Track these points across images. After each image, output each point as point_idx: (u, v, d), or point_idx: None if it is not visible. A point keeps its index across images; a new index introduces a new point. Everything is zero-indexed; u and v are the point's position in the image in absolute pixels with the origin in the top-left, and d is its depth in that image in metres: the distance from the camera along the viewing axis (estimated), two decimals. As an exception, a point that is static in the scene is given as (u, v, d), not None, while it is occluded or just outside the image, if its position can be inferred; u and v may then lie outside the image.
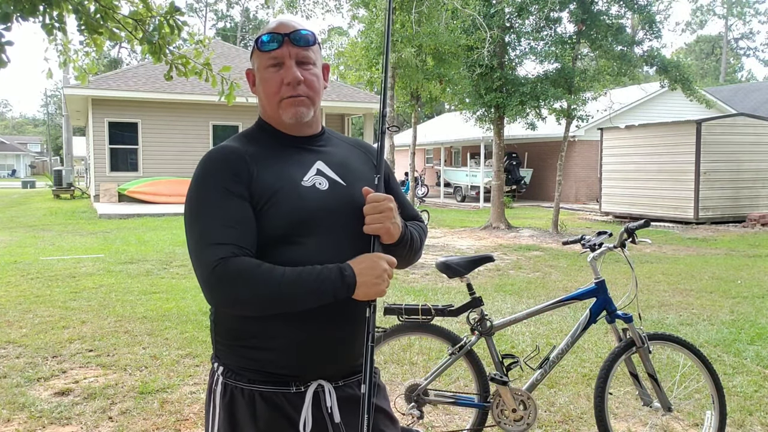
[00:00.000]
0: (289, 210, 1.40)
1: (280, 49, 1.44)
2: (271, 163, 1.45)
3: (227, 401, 1.47)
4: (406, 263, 1.60)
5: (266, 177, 1.42)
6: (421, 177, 27.42)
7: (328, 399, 1.45)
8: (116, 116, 18.30)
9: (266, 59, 1.46)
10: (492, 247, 10.90)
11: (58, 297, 6.50)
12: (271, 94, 1.46)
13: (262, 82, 1.48)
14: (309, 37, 1.46)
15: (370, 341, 1.37)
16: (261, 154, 1.46)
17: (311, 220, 1.41)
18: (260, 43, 1.46)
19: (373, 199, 1.41)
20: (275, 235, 1.39)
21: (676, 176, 14.82)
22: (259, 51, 1.47)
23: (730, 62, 56.74)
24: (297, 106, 1.46)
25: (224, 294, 1.33)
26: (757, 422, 3.48)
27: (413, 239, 1.55)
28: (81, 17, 4.07)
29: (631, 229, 3.09)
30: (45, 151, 67.28)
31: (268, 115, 1.53)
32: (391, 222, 1.42)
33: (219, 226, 1.36)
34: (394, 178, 1.67)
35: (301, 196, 1.42)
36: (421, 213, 2.31)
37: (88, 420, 3.48)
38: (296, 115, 1.46)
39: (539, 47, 13.28)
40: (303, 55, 1.46)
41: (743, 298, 6.75)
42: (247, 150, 1.46)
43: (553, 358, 3.07)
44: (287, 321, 1.40)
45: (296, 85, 1.44)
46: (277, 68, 1.45)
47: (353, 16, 14.64)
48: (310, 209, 1.42)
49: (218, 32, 60.48)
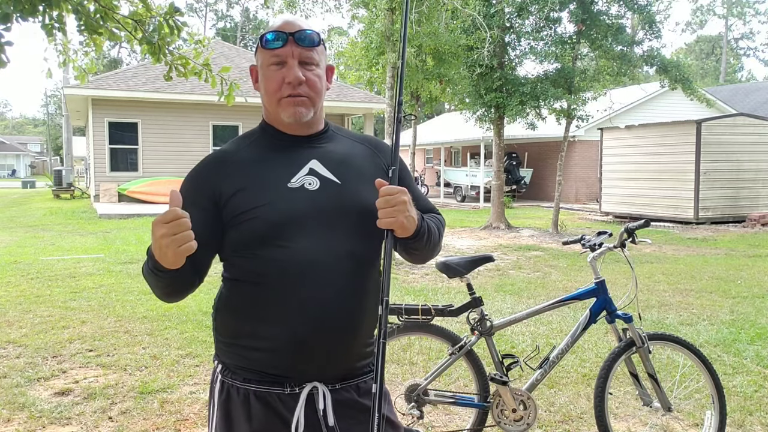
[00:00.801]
0: (271, 213, 1.40)
1: (284, 48, 1.44)
2: (259, 167, 1.46)
3: (223, 399, 1.48)
4: (425, 257, 1.57)
5: (249, 182, 1.44)
6: (421, 177, 27.47)
7: (322, 401, 1.44)
8: (116, 116, 18.29)
9: (269, 57, 1.45)
10: (492, 247, 10.90)
11: (58, 297, 6.50)
12: (272, 92, 1.46)
13: (264, 79, 1.48)
14: (314, 37, 1.46)
15: (382, 338, 1.35)
16: (252, 157, 1.48)
17: (295, 221, 1.40)
18: (264, 41, 1.45)
19: (386, 192, 1.37)
20: (259, 237, 1.40)
21: (676, 176, 14.82)
22: (262, 48, 1.47)
23: (730, 62, 56.74)
24: (296, 106, 1.45)
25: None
26: (757, 422, 3.48)
27: (431, 232, 1.51)
28: (81, 17, 4.07)
29: (631, 229, 3.09)
30: (45, 151, 67.26)
31: (269, 113, 1.53)
32: (405, 215, 1.38)
33: None
34: (407, 171, 1.64)
35: (284, 199, 1.42)
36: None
37: (88, 420, 3.47)
38: (295, 115, 1.46)
39: (539, 47, 13.28)
40: (306, 56, 1.45)
41: (743, 298, 6.75)
42: (239, 153, 1.49)
43: (553, 358, 3.07)
44: (282, 321, 1.40)
45: (297, 85, 1.43)
46: (279, 66, 1.45)
47: (353, 16, 14.61)
48: (295, 211, 1.41)
49: (218, 32, 60.49)
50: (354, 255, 1.44)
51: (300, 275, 1.39)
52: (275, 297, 1.40)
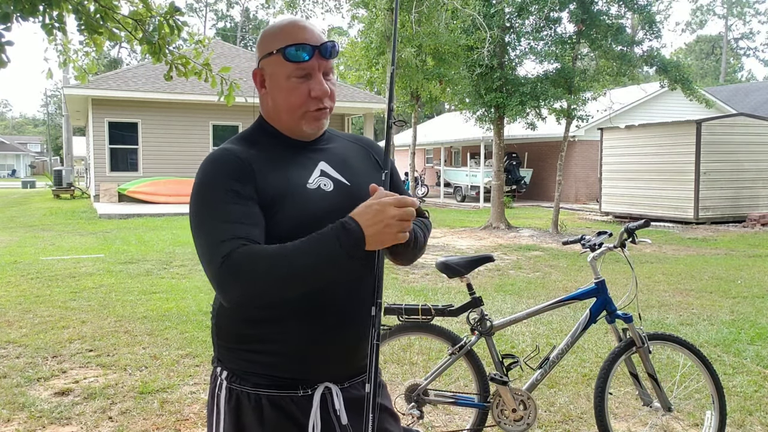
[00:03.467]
0: (296, 214, 1.38)
1: (310, 62, 1.41)
2: (274, 167, 1.42)
3: (233, 406, 1.44)
4: (409, 260, 1.57)
5: (271, 181, 1.39)
6: (421, 177, 27.43)
7: (336, 401, 1.44)
8: (116, 116, 18.30)
9: (293, 69, 1.41)
10: (492, 247, 10.90)
11: (58, 297, 6.50)
12: (296, 106, 1.43)
13: (283, 91, 1.44)
14: (336, 49, 1.45)
15: (376, 339, 1.34)
16: (263, 157, 1.43)
17: (318, 222, 1.36)
18: (288, 53, 1.40)
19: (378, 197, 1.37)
20: (278, 236, 1.35)
21: (676, 176, 14.82)
22: (284, 60, 1.41)
23: (730, 62, 56.74)
24: (321, 120, 1.45)
25: (238, 287, 1.25)
26: (757, 422, 3.48)
27: (416, 237, 1.51)
28: (81, 17, 4.08)
29: (631, 229, 3.09)
30: (45, 151, 67.27)
31: (279, 120, 1.49)
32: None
33: (224, 225, 1.31)
34: (397, 174, 1.64)
35: (308, 199, 1.40)
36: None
37: (88, 420, 3.47)
38: (319, 128, 1.47)
39: (539, 47, 13.28)
40: (329, 67, 1.45)
41: (743, 298, 6.75)
42: (249, 153, 1.43)
43: (553, 358, 3.07)
44: (292, 323, 1.39)
45: (324, 99, 1.43)
46: (303, 79, 1.42)
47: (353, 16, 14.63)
48: (317, 212, 1.39)
49: (218, 32, 60.48)
50: (366, 255, 1.42)
51: None
52: (291, 298, 1.37)
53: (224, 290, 1.27)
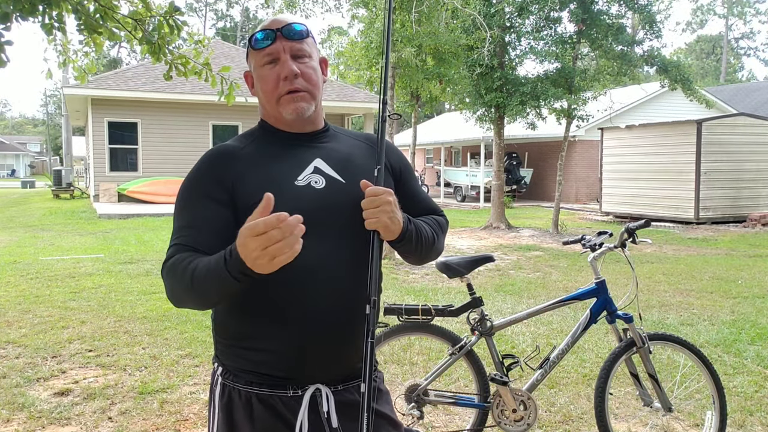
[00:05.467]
0: (278, 209, 1.36)
1: (274, 45, 1.42)
2: (265, 163, 1.44)
3: (225, 402, 1.45)
4: (422, 259, 1.55)
5: (258, 177, 1.40)
6: (421, 177, 27.46)
7: (325, 403, 1.42)
8: (116, 116, 18.29)
9: (261, 57, 1.44)
10: (492, 247, 10.90)
11: (57, 297, 6.50)
12: (269, 92, 1.44)
13: (259, 80, 1.47)
14: (302, 29, 1.45)
15: (370, 338, 1.33)
16: (257, 153, 1.45)
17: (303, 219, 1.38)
18: (254, 42, 1.44)
19: (371, 192, 1.35)
20: None
21: (676, 176, 14.81)
22: (253, 50, 1.45)
23: (731, 62, 56.74)
24: (297, 102, 1.43)
25: (167, 290, 1.36)
26: (758, 422, 3.47)
27: (421, 235, 1.48)
28: (80, 17, 4.07)
29: (632, 229, 3.08)
30: (45, 151, 67.26)
31: (268, 114, 1.51)
32: (389, 216, 1.35)
33: (180, 229, 1.39)
34: (408, 170, 1.60)
35: (293, 197, 1.39)
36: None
37: (88, 420, 3.47)
38: (297, 111, 1.44)
39: (539, 47, 13.28)
40: (297, 48, 1.44)
41: (744, 298, 6.74)
42: (244, 149, 1.46)
43: (553, 359, 3.07)
44: (283, 322, 1.38)
45: (293, 79, 1.42)
46: (272, 65, 1.43)
47: (353, 15, 14.62)
48: (303, 209, 1.36)
49: (218, 32, 60.48)
50: (359, 254, 1.40)
51: (306, 274, 1.37)
52: (281, 297, 1.37)
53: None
